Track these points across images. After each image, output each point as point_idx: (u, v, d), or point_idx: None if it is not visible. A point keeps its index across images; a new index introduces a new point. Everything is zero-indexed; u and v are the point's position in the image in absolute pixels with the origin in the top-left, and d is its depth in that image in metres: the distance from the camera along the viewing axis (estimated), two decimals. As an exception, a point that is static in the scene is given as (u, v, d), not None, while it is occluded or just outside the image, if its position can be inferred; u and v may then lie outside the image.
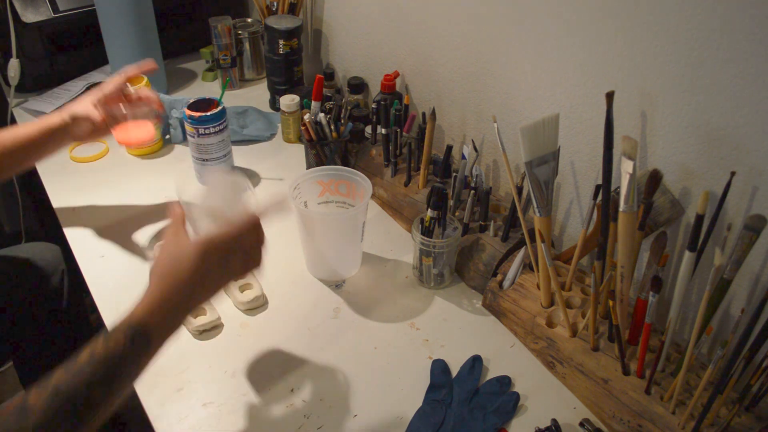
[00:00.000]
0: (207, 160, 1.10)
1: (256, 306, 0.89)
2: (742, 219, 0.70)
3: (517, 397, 0.77)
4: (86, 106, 0.92)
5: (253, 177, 1.18)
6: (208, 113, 1.05)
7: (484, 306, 0.92)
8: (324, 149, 1.09)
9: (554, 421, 0.74)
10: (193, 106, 1.07)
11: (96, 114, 0.92)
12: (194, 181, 1.15)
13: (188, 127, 1.07)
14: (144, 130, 1.02)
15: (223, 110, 1.08)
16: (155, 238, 1.02)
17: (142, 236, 1.02)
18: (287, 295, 0.93)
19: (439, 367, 0.81)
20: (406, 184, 1.04)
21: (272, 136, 1.30)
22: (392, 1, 1.14)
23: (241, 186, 0.75)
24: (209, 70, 1.50)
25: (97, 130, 0.93)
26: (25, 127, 0.89)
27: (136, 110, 0.95)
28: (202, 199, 0.73)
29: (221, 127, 1.08)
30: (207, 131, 1.06)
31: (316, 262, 0.96)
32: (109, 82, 0.95)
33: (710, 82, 0.68)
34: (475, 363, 0.81)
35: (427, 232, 0.89)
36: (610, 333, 0.77)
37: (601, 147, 0.69)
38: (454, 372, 0.81)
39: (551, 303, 0.83)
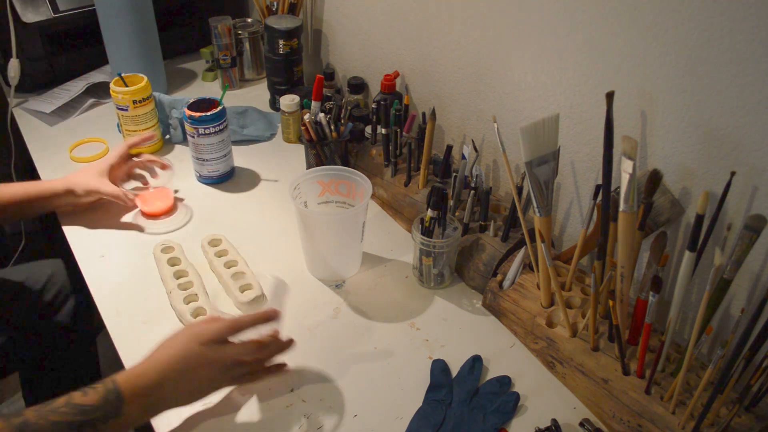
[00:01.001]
0: (207, 160, 1.10)
1: (256, 306, 0.89)
2: (742, 219, 0.70)
3: (517, 397, 0.77)
4: (94, 180, 0.99)
5: (253, 177, 1.18)
6: (208, 113, 1.05)
7: (484, 306, 0.92)
8: (324, 149, 1.09)
9: (554, 421, 0.74)
10: (193, 106, 1.07)
11: (106, 188, 0.99)
12: (194, 180, 1.16)
13: (188, 127, 1.07)
14: (164, 198, 1.07)
15: (223, 110, 1.08)
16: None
17: (142, 237, 1.02)
18: (287, 295, 0.92)
19: (439, 367, 0.81)
20: (406, 184, 1.04)
21: (272, 136, 1.30)
22: (392, 1, 1.14)
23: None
24: (209, 70, 1.50)
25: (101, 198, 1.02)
26: (24, 187, 0.95)
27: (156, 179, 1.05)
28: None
29: (221, 127, 1.08)
30: (207, 131, 1.06)
31: (316, 262, 0.96)
32: (113, 152, 1.02)
33: (710, 82, 0.68)
34: (475, 363, 0.81)
35: (427, 232, 0.89)
36: (610, 333, 0.77)
37: (601, 147, 0.69)
38: (454, 372, 0.81)
39: (551, 303, 0.83)
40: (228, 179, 1.16)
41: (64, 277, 1.15)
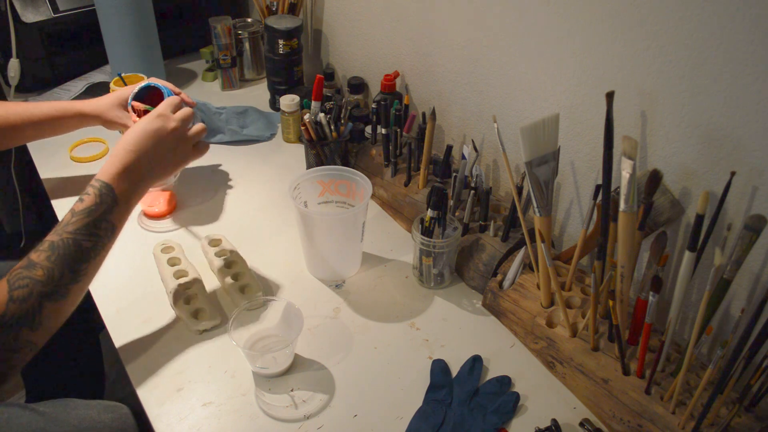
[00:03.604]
0: None
1: (257, 306, 0.89)
2: (742, 219, 0.70)
3: (517, 397, 0.77)
4: (124, 117, 1.01)
5: (253, 177, 1.18)
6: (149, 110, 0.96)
7: (484, 306, 0.92)
8: (324, 149, 1.09)
9: (554, 421, 0.74)
10: (139, 96, 0.98)
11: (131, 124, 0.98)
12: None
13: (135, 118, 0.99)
14: (167, 199, 1.07)
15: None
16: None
17: (142, 237, 1.02)
18: (287, 295, 0.93)
19: (439, 367, 0.81)
20: (406, 184, 1.04)
21: (272, 136, 1.30)
22: (392, 1, 1.14)
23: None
24: (209, 70, 1.50)
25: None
26: (55, 106, 0.98)
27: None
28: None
29: None
30: None
31: (316, 262, 0.96)
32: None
33: (710, 83, 0.68)
34: (475, 363, 0.81)
35: (427, 232, 0.89)
36: (610, 333, 0.77)
37: (601, 147, 0.69)
38: (454, 372, 0.81)
39: (551, 303, 0.83)
40: None
41: None
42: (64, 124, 0.99)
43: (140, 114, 0.96)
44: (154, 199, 1.05)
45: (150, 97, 0.98)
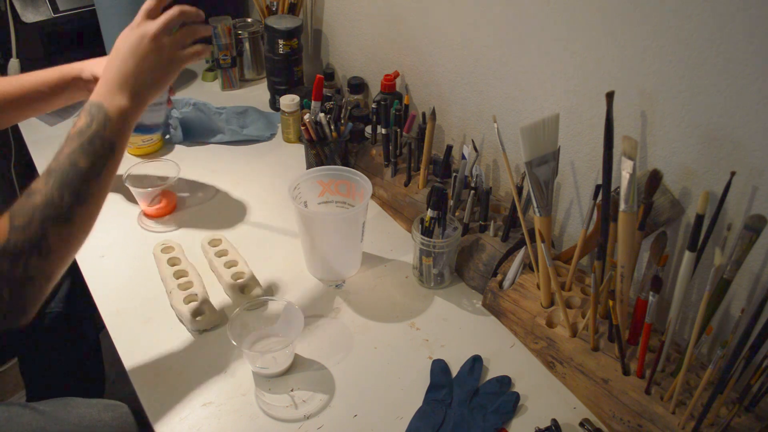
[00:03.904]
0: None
1: (257, 306, 0.89)
2: (742, 219, 0.70)
3: (517, 397, 0.77)
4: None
5: (253, 177, 1.18)
6: None
7: (484, 306, 0.92)
8: (324, 149, 1.09)
9: (554, 421, 0.74)
10: None
11: None
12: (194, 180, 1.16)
13: None
14: (168, 199, 1.07)
15: None
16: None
17: (142, 237, 1.02)
18: (287, 295, 0.93)
19: (439, 367, 0.81)
20: (406, 184, 1.04)
21: (272, 136, 1.30)
22: (392, 1, 1.14)
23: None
24: (209, 70, 1.50)
25: None
26: (44, 73, 0.93)
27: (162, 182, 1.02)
28: None
29: None
30: None
31: (316, 262, 0.96)
32: None
33: (710, 83, 0.68)
34: (475, 363, 0.81)
35: (427, 232, 0.89)
36: (610, 333, 0.77)
37: (601, 147, 0.69)
38: (454, 372, 0.81)
39: (551, 303, 0.83)
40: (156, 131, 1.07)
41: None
42: (66, 90, 0.95)
43: None
44: (154, 199, 1.05)
45: None
